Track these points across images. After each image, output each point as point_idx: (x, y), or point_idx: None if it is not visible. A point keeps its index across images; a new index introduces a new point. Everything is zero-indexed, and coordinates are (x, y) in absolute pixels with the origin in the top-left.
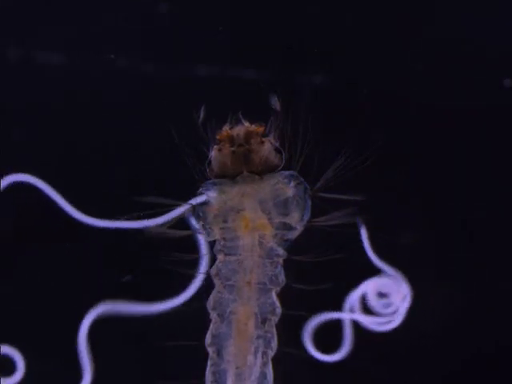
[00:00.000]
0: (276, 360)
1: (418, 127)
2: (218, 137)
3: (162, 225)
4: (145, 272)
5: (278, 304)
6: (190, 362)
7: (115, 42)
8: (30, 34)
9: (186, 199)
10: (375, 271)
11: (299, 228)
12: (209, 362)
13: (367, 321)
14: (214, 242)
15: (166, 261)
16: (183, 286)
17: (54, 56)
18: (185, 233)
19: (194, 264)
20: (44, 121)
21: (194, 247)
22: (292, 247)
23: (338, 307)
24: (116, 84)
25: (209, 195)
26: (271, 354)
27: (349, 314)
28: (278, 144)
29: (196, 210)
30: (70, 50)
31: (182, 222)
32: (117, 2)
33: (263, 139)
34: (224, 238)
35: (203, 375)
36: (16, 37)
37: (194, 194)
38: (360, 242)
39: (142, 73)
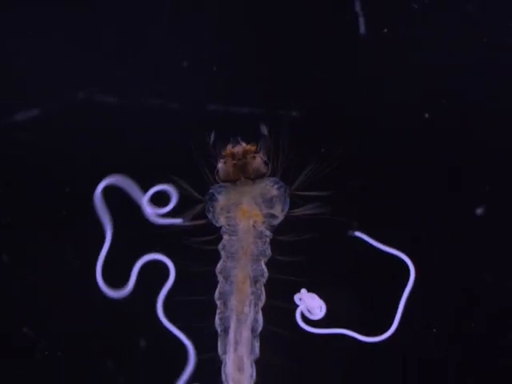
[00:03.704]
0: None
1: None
2: (223, 153)
3: (185, 216)
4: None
5: (265, 270)
6: (202, 313)
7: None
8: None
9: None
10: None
11: (281, 217)
12: (217, 311)
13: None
14: (221, 227)
15: (187, 240)
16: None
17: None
18: (201, 221)
19: (209, 242)
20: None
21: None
22: (276, 230)
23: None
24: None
25: (216, 194)
26: (261, 304)
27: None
28: (265, 158)
29: (207, 205)
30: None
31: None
32: (117, 5)
33: (255, 155)
34: (228, 224)
35: (213, 322)
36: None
37: (206, 194)
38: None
39: (169, 108)
